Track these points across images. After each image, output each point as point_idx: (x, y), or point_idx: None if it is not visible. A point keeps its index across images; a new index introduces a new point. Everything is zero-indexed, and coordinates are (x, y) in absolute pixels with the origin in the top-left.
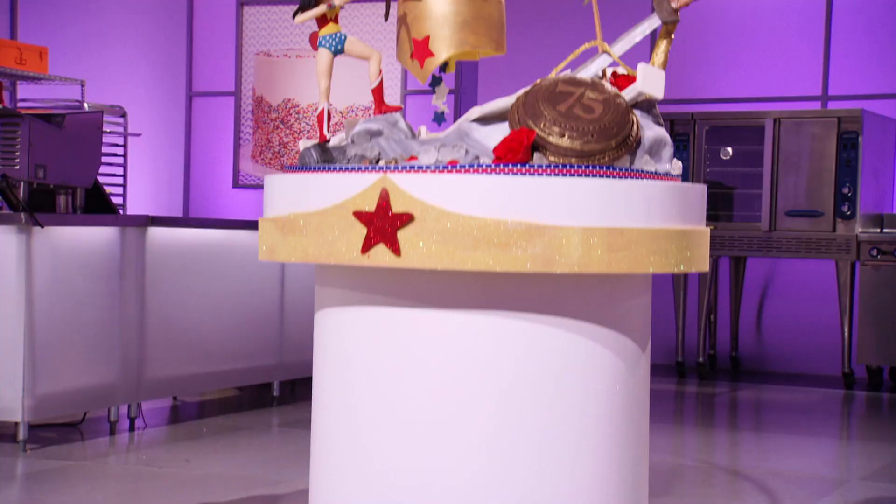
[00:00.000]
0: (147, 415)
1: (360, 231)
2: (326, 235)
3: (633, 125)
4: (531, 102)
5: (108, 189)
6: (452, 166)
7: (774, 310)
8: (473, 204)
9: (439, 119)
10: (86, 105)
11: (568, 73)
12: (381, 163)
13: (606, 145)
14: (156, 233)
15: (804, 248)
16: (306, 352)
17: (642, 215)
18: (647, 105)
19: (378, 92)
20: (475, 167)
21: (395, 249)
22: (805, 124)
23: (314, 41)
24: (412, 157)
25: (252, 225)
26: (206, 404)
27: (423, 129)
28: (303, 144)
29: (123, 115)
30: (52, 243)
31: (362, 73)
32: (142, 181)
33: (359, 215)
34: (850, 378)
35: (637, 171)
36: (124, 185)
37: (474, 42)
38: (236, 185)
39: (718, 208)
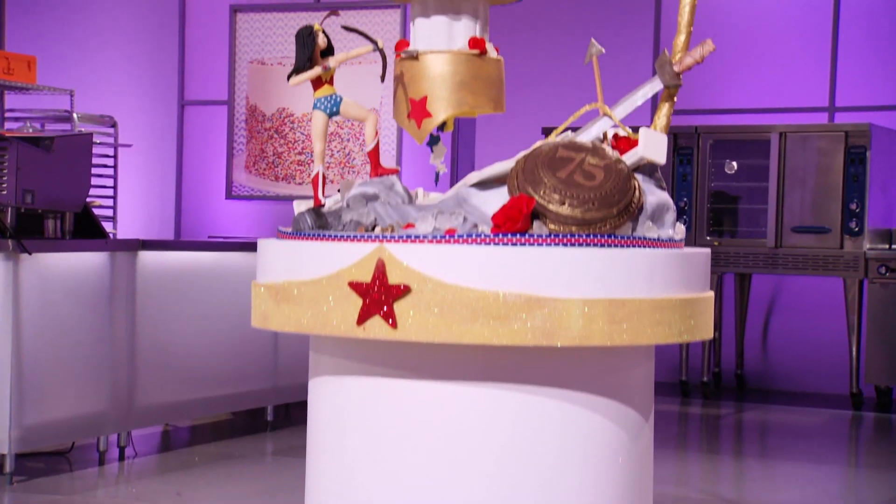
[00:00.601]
0: (137, 441)
1: (356, 302)
2: (321, 305)
3: (634, 191)
4: (531, 168)
5: (98, 201)
6: (450, 236)
7: (780, 327)
8: (472, 275)
9: (437, 178)
10: (75, 115)
11: (569, 134)
12: (378, 229)
13: (608, 213)
14: (147, 257)
15: (811, 265)
16: (301, 375)
17: (644, 285)
18: (649, 169)
19: (374, 154)
20: (473, 237)
21: (392, 322)
22: (811, 138)
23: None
24: (409, 225)
25: (245, 246)
26: (199, 429)
27: (419, 191)
28: (297, 207)
29: (114, 126)
30: (41, 270)
31: (358, 86)
32: (133, 193)
33: (354, 286)
34: (858, 398)
35: (639, 238)
36: (114, 198)
37: (472, 102)
38: (229, 196)
39: (723, 224)
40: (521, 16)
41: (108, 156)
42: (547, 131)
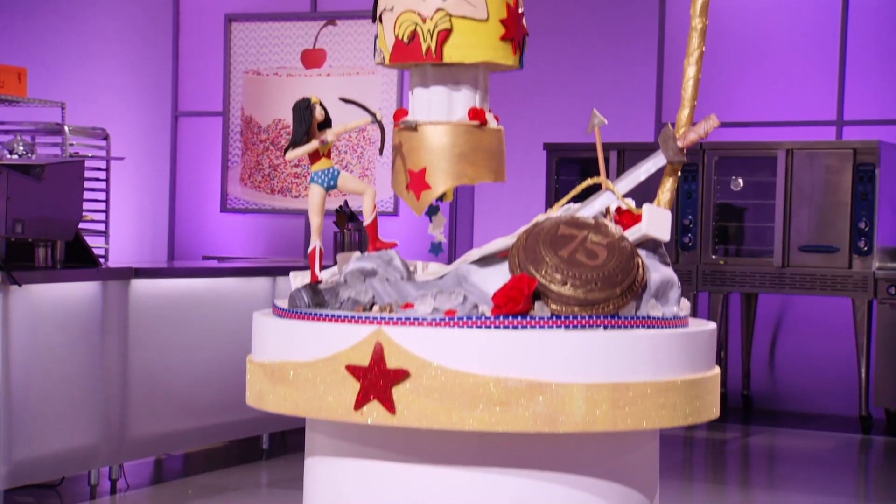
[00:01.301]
0: (129, 473)
1: (353, 386)
2: (317, 388)
3: (638, 269)
4: (532, 245)
5: (90, 216)
6: (450, 318)
7: (787, 347)
8: (472, 360)
9: (436, 250)
10: (66, 128)
11: (570, 206)
12: (376, 308)
13: (611, 293)
14: (139, 285)
15: (818, 285)
16: None
17: (649, 367)
18: (652, 244)
19: (372, 228)
20: (473, 319)
21: (390, 407)
22: (819, 155)
23: (306, 59)
24: (408, 305)
25: (239, 271)
26: (193, 458)
27: (418, 264)
28: (293, 280)
29: (106, 138)
30: (31, 300)
31: (355, 96)
32: (125, 206)
33: (351, 370)
34: (867, 422)
35: (643, 318)
36: (106, 212)
37: (472, 175)
38: (224, 209)
39: (728, 242)
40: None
41: (100, 169)
42: (549, 147)
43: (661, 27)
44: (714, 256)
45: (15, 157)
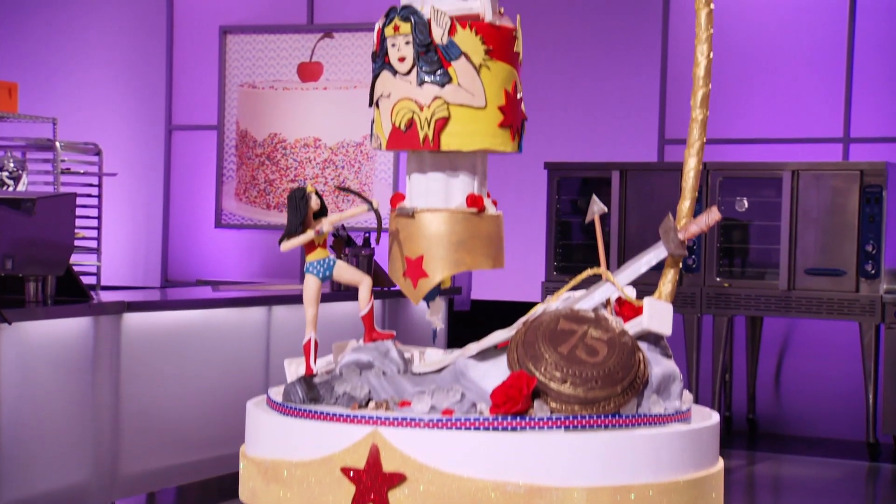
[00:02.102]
0: None
1: (349, 489)
2: (312, 489)
3: (639, 365)
4: (531, 341)
5: (81, 233)
6: (447, 418)
7: (793, 370)
8: (470, 464)
9: (434, 336)
10: (58, 144)
11: (571, 295)
12: (372, 405)
13: (611, 391)
14: (131, 319)
15: (825, 308)
16: None
17: (651, 468)
18: (654, 336)
19: (368, 319)
20: (471, 420)
21: None
22: (825, 177)
23: (302, 72)
24: (405, 403)
25: (234, 301)
26: (186, 492)
27: (415, 352)
28: (288, 368)
29: (98, 154)
30: (21, 338)
31: (352, 110)
32: (118, 223)
33: (347, 472)
34: (875, 449)
35: (644, 416)
36: (98, 229)
37: (470, 262)
38: (219, 224)
39: (733, 264)
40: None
41: (92, 185)
42: (550, 166)
43: (665, 45)
44: (718, 279)
45: (5, 174)
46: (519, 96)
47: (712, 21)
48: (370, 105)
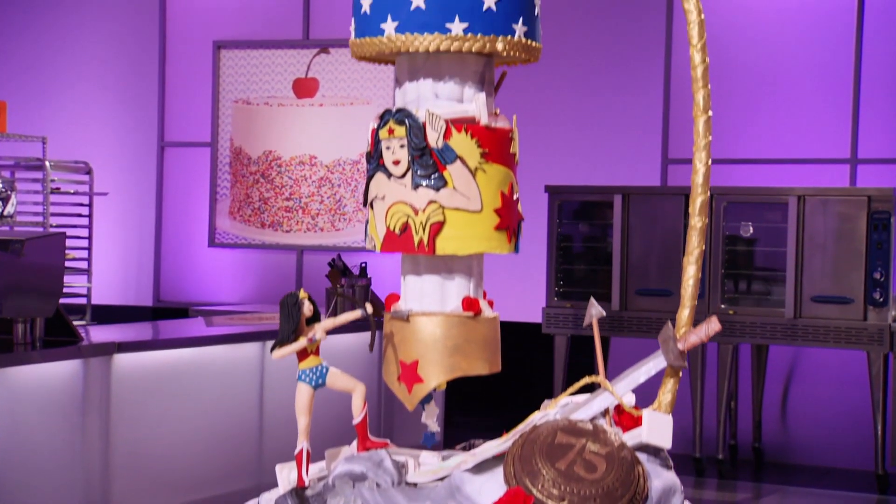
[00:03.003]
0: None
1: None
2: None
3: (639, 480)
4: (528, 456)
5: (72, 254)
6: None
7: (800, 398)
8: None
9: (430, 440)
10: (48, 163)
11: (571, 401)
12: None
13: None
14: (122, 360)
15: (832, 337)
16: None
17: None
18: (654, 448)
19: (362, 428)
20: None
21: None
22: (832, 202)
23: (298, 88)
24: None
25: (227, 339)
26: None
27: (410, 462)
28: (279, 475)
29: (89, 173)
30: (9, 384)
31: (349, 127)
32: (109, 242)
33: None
34: (884, 481)
35: None
36: (89, 249)
37: (466, 367)
38: (212, 244)
39: (738, 291)
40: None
41: (82, 204)
42: (551, 189)
43: (668, 67)
44: (723, 306)
45: None
46: (515, 197)
47: (710, 129)
48: (364, 206)
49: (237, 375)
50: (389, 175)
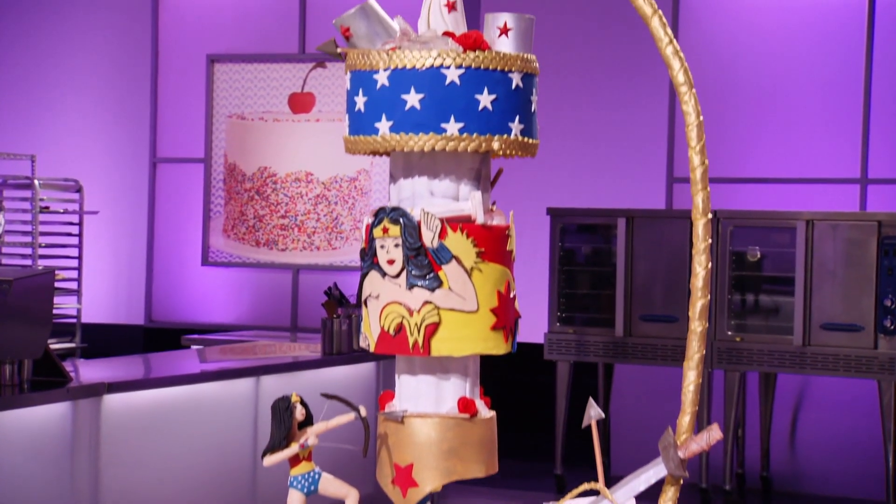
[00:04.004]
0: None
1: None
2: None
3: None
4: None
5: (62, 274)
6: None
7: (809, 427)
8: None
9: None
10: (37, 182)
11: None
12: None
13: None
14: (112, 400)
15: (842, 366)
16: None
17: None
18: None
19: None
20: None
21: None
22: (841, 227)
23: (293, 103)
24: None
25: (221, 375)
26: None
27: None
28: None
29: (79, 190)
30: None
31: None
32: (99, 261)
33: None
34: None
35: None
36: (79, 269)
37: (462, 471)
38: (206, 262)
39: (745, 318)
40: None
41: (72, 223)
42: (552, 212)
43: (672, 96)
44: (730, 332)
45: None
46: (512, 295)
47: (709, 231)
48: (357, 304)
49: (231, 412)
50: (384, 274)
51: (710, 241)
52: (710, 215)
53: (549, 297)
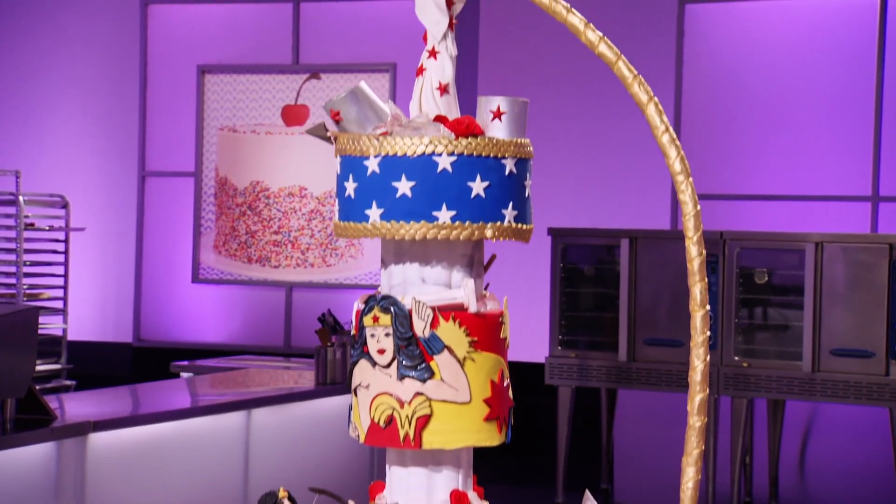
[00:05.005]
0: None
1: None
2: None
3: None
4: None
5: (47, 293)
6: None
7: (818, 454)
8: None
9: None
10: (21, 198)
11: None
12: None
13: None
14: (98, 439)
15: (853, 393)
16: None
17: None
18: None
19: None
20: None
21: None
22: (852, 250)
23: (287, 116)
24: None
25: (211, 409)
26: None
27: None
28: None
29: (65, 206)
30: None
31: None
32: (86, 279)
33: None
34: None
35: None
36: (65, 287)
37: None
38: (196, 279)
39: (754, 342)
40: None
41: (58, 240)
42: (554, 232)
43: (678, 105)
44: (737, 358)
45: None
46: (506, 383)
47: (707, 324)
48: (347, 391)
49: (221, 447)
50: (374, 363)
51: (708, 333)
52: (707, 307)
53: (550, 320)
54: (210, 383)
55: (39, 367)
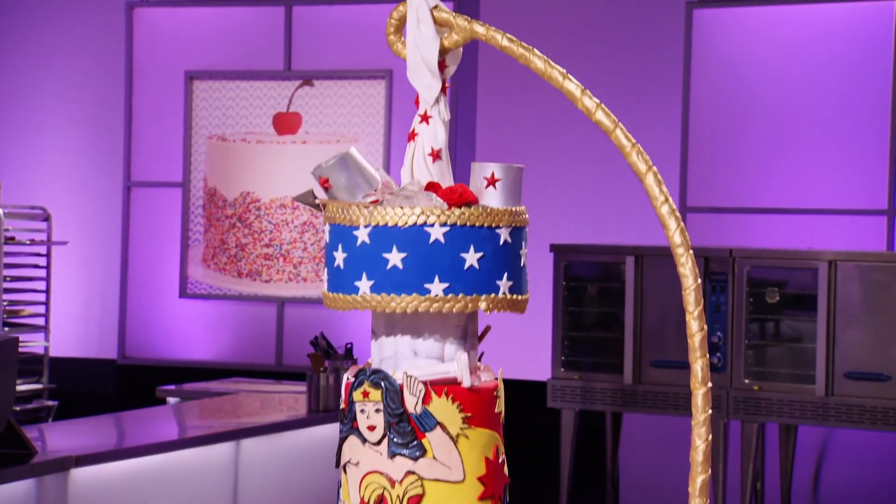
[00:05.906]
0: None
1: None
2: None
3: None
4: None
5: (27, 310)
6: None
7: (832, 480)
8: None
9: None
10: (0, 211)
11: None
12: None
13: None
14: (80, 475)
15: (868, 418)
16: None
17: None
18: None
19: None
20: None
21: None
22: (866, 269)
23: (278, 124)
24: None
25: (198, 441)
26: None
27: None
28: None
29: (47, 219)
30: None
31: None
32: (69, 294)
33: None
34: None
35: None
36: (47, 303)
37: None
38: (184, 294)
39: (766, 365)
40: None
41: (40, 254)
42: (556, 248)
43: (686, 113)
44: (747, 380)
45: None
46: (501, 459)
47: (709, 402)
48: (336, 467)
49: (209, 479)
50: (364, 440)
51: (710, 411)
52: (709, 384)
53: (553, 340)
54: (198, 412)
55: (20, 388)
